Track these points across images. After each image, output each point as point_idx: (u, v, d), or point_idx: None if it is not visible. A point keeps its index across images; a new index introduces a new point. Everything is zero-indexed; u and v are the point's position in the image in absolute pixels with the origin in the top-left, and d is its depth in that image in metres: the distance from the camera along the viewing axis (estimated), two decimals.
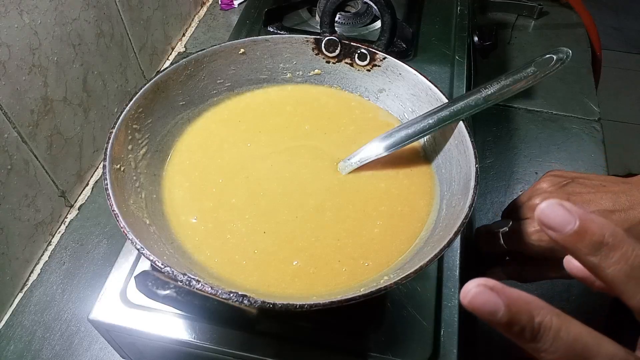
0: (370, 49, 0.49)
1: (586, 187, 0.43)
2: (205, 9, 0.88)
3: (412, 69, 0.47)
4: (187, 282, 0.32)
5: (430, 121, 0.43)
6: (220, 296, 0.32)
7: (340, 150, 0.46)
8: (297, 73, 0.52)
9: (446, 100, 0.44)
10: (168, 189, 0.44)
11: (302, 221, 0.41)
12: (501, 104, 0.72)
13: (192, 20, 0.85)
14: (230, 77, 0.50)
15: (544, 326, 0.17)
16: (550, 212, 0.18)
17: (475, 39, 0.72)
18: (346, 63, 0.51)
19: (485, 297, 0.17)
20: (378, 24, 0.67)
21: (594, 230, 0.18)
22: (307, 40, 0.50)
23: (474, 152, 0.39)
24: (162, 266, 0.33)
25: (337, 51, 0.51)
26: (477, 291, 0.17)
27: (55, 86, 0.55)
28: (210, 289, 0.32)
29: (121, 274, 0.42)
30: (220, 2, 0.87)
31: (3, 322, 0.52)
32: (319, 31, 0.63)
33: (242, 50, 0.50)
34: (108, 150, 0.40)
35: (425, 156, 0.47)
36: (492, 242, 0.47)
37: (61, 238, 0.59)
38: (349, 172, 0.45)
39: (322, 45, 0.51)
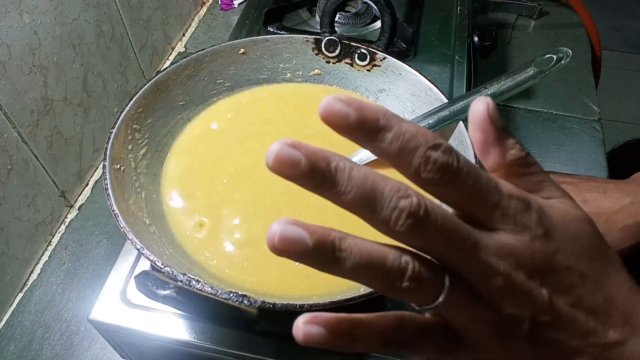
0: (370, 49, 0.50)
1: (573, 178, 0.44)
2: (205, 9, 0.88)
3: (412, 69, 0.47)
4: (187, 282, 0.32)
5: (430, 121, 0.43)
6: (220, 296, 0.32)
7: (342, 150, 0.46)
8: (297, 73, 0.52)
9: (446, 100, 0.44)
10: (168, 188, 0.44)
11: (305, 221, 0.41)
12: (501, 104, 0.72)
13: (192, 20, 0.85)
14: (230, 77, 0.50)
15: (339, 169, 0.19)
16: (329, 107, 0.19)
17: (475, 39, 0.72)
18: (346, 63, 0.51)
19: (287, 152, 0.18)
20: (378, 24, 0.67)
21: (370, 117, 0.19)
22: (307, 40, 0.50)
23: (474, 152, 0.39)
24: (162, 266, 0.33)
25: (337, 51, 0.51)
26: (279, 148, 0.18)
27: (55, 86, 0.55)
28: (210, 289, 0.32)
29: (121, 274, 0.42)
30: (220, 2, 0.87)
31: (3, 322, 0.52)
32: (319, 31, 0.63)
33: (242, 50, 0.50)
34: (108, 150, 0.40)
35: None
36: None
37: (61, 238, 0.59)
38: None
39: (322, 45, 0.51)
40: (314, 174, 0.19)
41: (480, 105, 0.22)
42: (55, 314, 0.52)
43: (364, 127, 0.19)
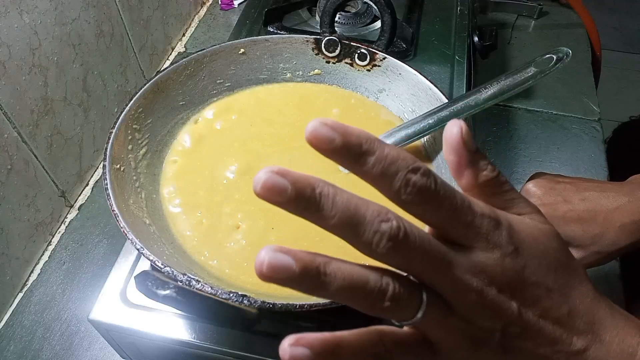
0: (370, 49, 0.50)
1: (572, 178, 0.44)
2: (205, 9, 0.88)
3: (412, 69, 0.47)
4: (187, 282, 0.32)
5: (430, 121, 0.43)
6: (220, 296, 0.32)
7: None
8: (297, 73, 0.52)
9: (446, 100, 0.44)
10: (168, 188, 0.44)
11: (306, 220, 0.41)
12: (501, 104, 0.72)
13: (192, 20, 0.85)
14: (230, 77, 0.50)
15: (324, 194, 0.20)
16: (315, 131, 0.20)
17: (475, 39, 0.72)
18: (346, 63, 0.51)
19: (274, 180, 0.19)
20: (378, 24, 0.67)
21: (354, 142, 0.20)
22: (307, 40, 0.50)
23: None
24: (162, 266, 0.33)
25: (337, 51, 0.51)
26: (266, 177, 0.19)
27: (55, 86, 0.55)
28: (210, 289, 0.32)
29: (121, 274, 0.42)
30: (220, 2, 0.87)
31: (3, 322, 0.52)
32: (319, 31, 0.63)
33: (242, 50, 0.50)
34: (108, 150, 0.40)
35: (426, 155, 0.47)
36: None
37: (61, 238, 0.59)
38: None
39: (322, 45, 0.51)
40: (300, 200, 0.19)
41: (454, 129, 0.23)
42: (55, 314, 0.52)
43: (348, 151, 0.20)
